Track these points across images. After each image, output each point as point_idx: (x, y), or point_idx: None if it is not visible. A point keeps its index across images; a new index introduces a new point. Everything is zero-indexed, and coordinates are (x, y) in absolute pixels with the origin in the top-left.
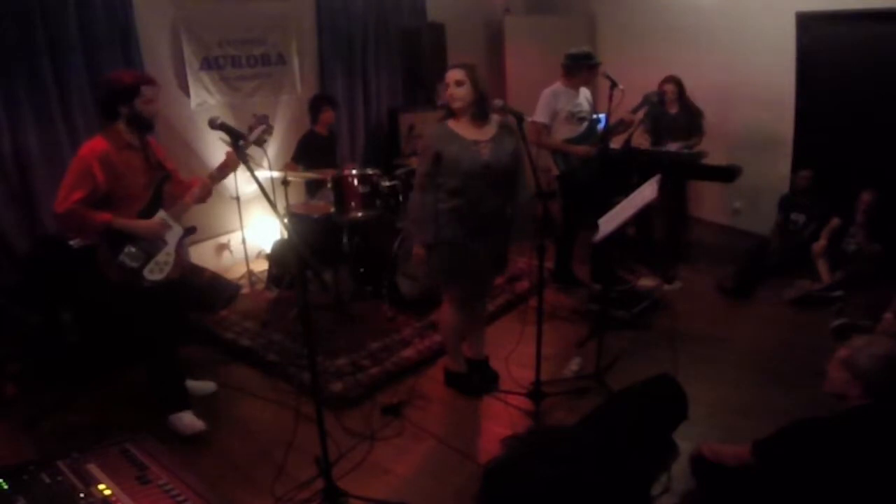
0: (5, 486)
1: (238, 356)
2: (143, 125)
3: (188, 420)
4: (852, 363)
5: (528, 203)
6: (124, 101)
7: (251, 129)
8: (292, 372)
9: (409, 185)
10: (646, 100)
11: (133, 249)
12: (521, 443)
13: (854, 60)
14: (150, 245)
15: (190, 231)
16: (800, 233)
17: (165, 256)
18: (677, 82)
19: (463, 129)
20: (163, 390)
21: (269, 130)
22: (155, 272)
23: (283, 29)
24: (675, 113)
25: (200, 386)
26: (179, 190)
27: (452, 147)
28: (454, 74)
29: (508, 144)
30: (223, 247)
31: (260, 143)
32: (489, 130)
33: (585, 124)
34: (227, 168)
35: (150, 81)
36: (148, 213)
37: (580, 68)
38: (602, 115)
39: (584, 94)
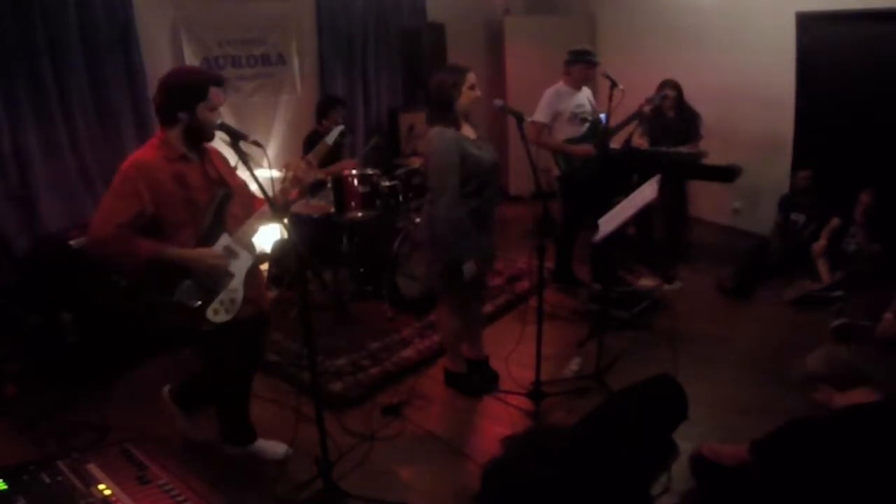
0: (5, 487)
1: None
2: (202, 136)
3: (268, 448)
4: (810, 374)
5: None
6: (186, 106)
7: (324, 132)
8: (292, 372)
9: (410, 185)
10: (652, 100)
11: (190, 284)
12: (520, 442)
13: (854, 60)
14: (212, 279)
15: (261, 258)
16: (800, 233)
17: (231, 293)
18: (676, 87)
19: (464, 130)
20: (231, 426)
21: (345, 133)
22: (220, 313)
23: (283, 29)
24: (671, 117)
25: (271, 447)
26: (254, 206)
27: (470, 148)
28: (475, 77)
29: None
30: None
31: (336, 144)
32: (476, 130)
33: (587, 125)
34: (299, 181)
35: (220, 81)
36: (209, 238)
37: (574, 63)
38: (603, 116)
39: (587, 93)
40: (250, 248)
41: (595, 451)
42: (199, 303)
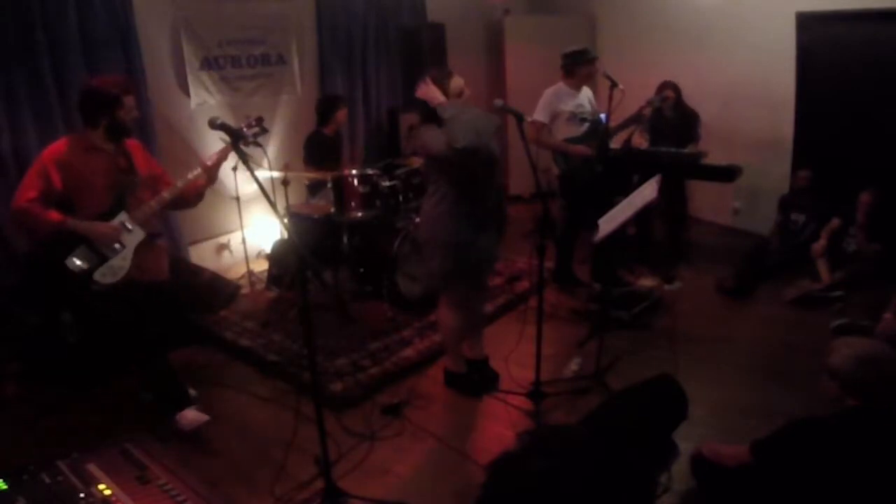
0: (5, 487)
1: (238, 356)
2: (122, 134)
3: (192, 415)
4: (829, 364)
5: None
6: (106, 112)
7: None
8: (292, 372)
9: (410, 185)
10: (652, 103)
11: (84, 249)
12: (527, 439)
13: (854, 60)
14: (105, 247)
15: (155, 236)
16: (800, 233)
17: (121, 261)
18: (675, 88)
19: None
20: (160, 392)
21: (259, 133)
22: (107, 276)
23: (283, 29)
24: (670, 118)
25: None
26: (157, 194)
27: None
28: (462, 81)
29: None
30: (223, 247)
31: (248, 143)
32: None
33: (587, 125)
34: (206, 172)
35: (133, 91)
36: (108, 216)
37: (578, 65)
38: (603, 115)
39: (587, 94)
40: (147, 225)
41: (598, 451)
42: (88, 266)
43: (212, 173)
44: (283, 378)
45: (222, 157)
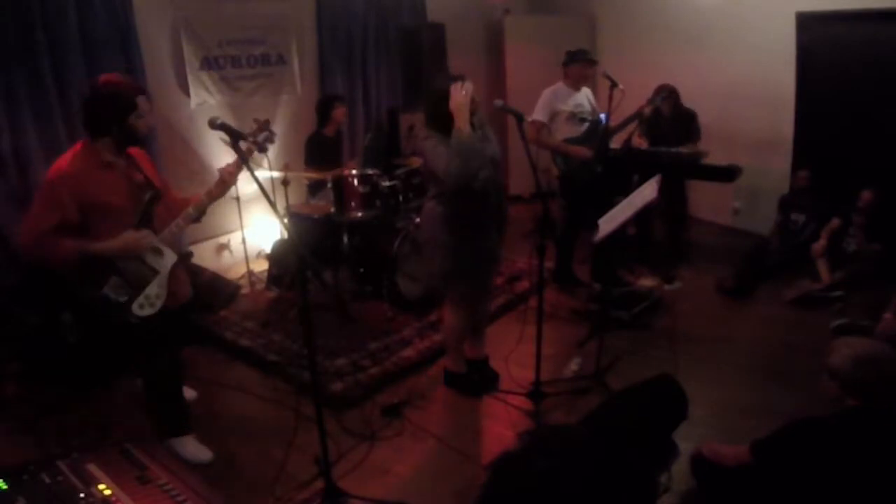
0: (5, 487)
1: (238, 356)
2: (134, 142)
3: (192, 448)
4: (829, 364)
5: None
6: (119, 117)
7: (251, 135)
8: (292, 372)
9: (410, 185)
10: (653, 101)
11: (117, 280)
12: (529, 437)
13: (854, 60)
14: (139, 276)
15: (186, 257)
16: (800, 233)
17: (157, 289)
18: (671, 91)
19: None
20: (160, 393)
21: (270, 138)
22: (145, 307)
23: (283, 29)
24: (668, 119)
25: (196, 449)
26: (175, 207)
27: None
28: (472, 85)
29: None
30: (223, 247)
31: (261, 150)
32: (478, 127)
33: (587, 125)
34: (224, 184)
35: (144, 91)
36: None
37: (569, 63)
38: (603, 116)
39: (586, 93)
40: (175, 246)
41: (598, 451)
42: (126, 298)
43: (229, 184)
44: (283, 378)
45: (241, 167)
